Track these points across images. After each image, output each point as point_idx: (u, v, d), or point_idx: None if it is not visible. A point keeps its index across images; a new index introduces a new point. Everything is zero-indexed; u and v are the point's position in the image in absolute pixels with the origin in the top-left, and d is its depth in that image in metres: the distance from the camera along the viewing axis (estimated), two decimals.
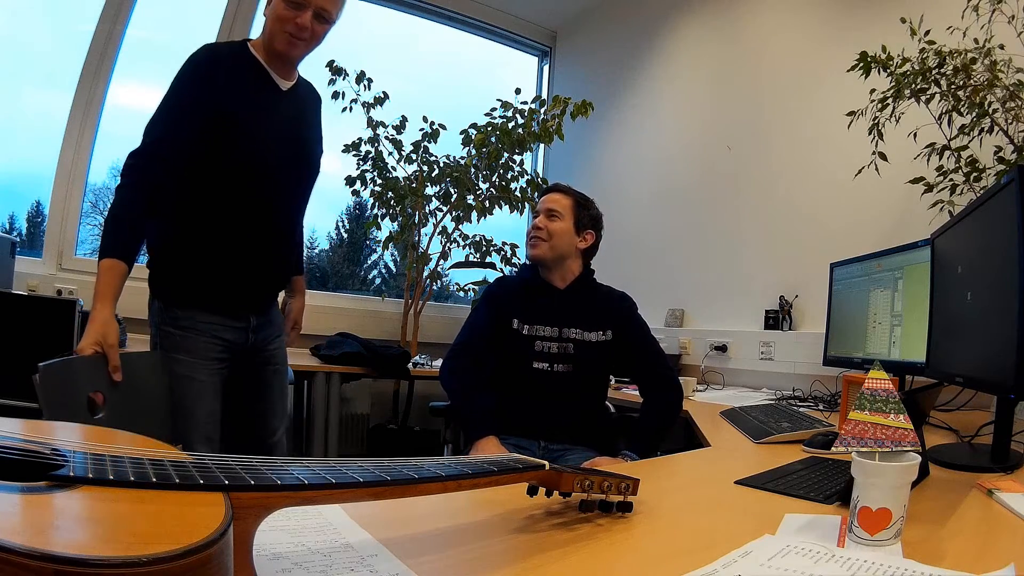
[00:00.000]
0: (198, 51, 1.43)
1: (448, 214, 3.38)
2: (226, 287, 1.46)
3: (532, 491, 0.73)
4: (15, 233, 3.00)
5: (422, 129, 3.28)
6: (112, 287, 1.29)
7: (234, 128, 1.40)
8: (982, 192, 1.48)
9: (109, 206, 1.34)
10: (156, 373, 1.42)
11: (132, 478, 0.41)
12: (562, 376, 1.66)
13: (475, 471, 0.63)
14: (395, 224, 3.36)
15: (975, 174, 1.71)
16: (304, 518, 0.67)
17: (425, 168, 3.31)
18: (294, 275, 1.74)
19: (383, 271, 4.23)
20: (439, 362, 2.12)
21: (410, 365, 2.87)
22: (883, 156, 1.84)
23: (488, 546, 0.68)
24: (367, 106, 3.19)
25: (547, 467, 0.71)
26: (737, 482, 0.97)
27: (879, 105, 1.81)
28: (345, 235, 4.08)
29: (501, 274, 3.50)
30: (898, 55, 1.78)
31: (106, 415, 1.16)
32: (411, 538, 0.67)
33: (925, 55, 1.71)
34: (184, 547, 0.33)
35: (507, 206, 3.38)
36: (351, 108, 3.16)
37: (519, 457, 0.73)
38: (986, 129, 1.67)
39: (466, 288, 3.62)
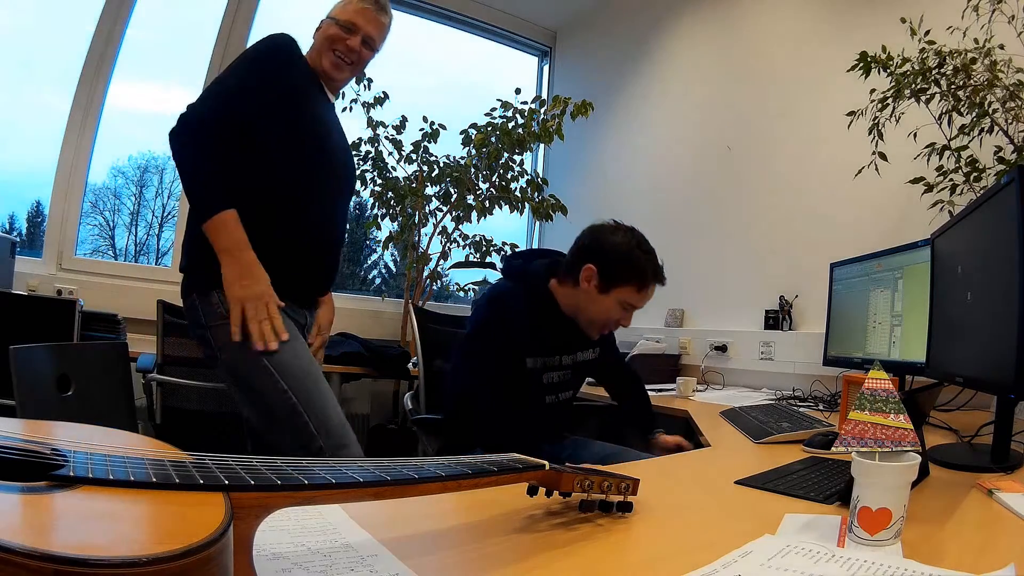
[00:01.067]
0: (280, 36, 1.48)
1: (448, 214, 3.38)
2: (300, 278, 1.46)
3: (532, 491, 0.73)
4: (15, 233, 3.00)
5: (422, 129, 3.28)
6: (244, 237, 1.29)
7: (307, 117, 1.44)
8: (982, 192, 1.48)
9: (181, 162, 1.33)
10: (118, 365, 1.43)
11: (132, 478, 0.41)
12: (565, 402, 1.64)
13: (475, 471, 0.63)
14: (395, 224, 3.36)
15: (975, 174, 1.71)
16: (304, 518, 0.67)
17: (425, 168, 3.31)
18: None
19: (383, 271, 4.23)
20: (437, 363, 2.12)
21: (410, 365, 2.87)
22: (883, 156, 1.84)
23: (488, 546, 0.68)
24: (367, 106, 3.19)
25: (547, 467, 0.71)
26: (737, 482, 0.97)
27: (879, 105, 1.81)
28: (345, 235, 4.08)
29: (501, 274, 3.51)
30: (898, 55, 1.78)
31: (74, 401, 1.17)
32: (411, 538, 0.67)
33: (925, 55, 1.71)
34: (184, 547, 0.33)
35: (507, 206, 3.38)
36: (351, 108, 3.16)
37: (519, 457, 0.73)
38: (986, 129, 1.67)
39: (466, 288, 3.62)
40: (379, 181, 3.28)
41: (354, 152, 3.23)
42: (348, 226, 1.76)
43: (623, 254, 1.51)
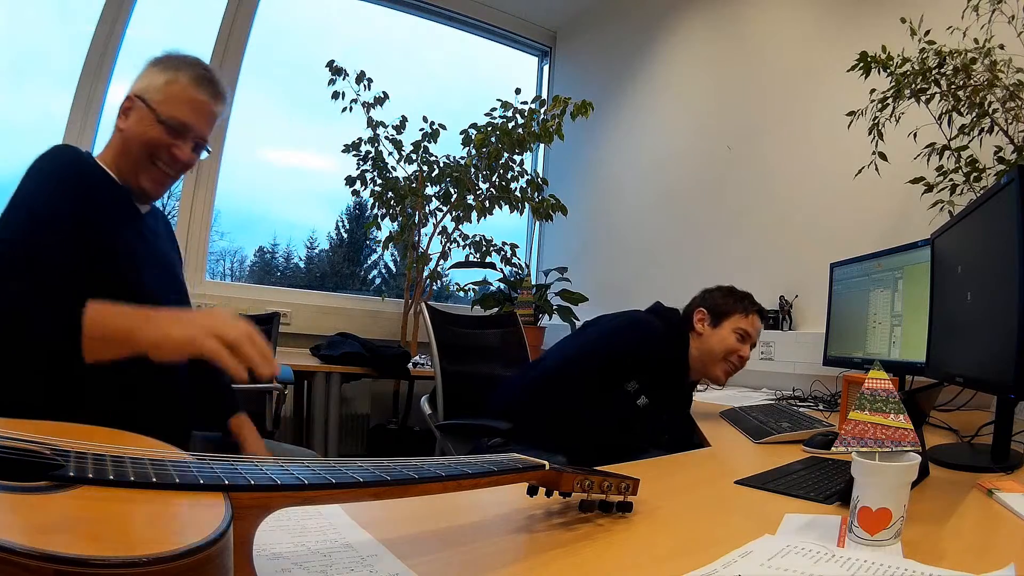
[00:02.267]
0: (57, 153, 1.07)
1: (448, 214, 3.38)
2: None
3: (532, 491, 0.73)
4: None
5: (422, 129, 3.28)
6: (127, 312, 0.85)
7: (114, 260, 1.04)
8: (982, 192, 1.48)
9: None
10: None
11: (132, 478, 0.41)
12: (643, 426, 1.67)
13: (475, 471, 0.63)
14: (395, 224, 3.36)
15: (975, 174, 1.71)
16: (304, 518, 0.67)
17: (425, 168, 3.31)
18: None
19: (383, 271, 4.23)
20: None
21: (410, 365, 2.87)
22: (883, 156, 1.84)
23: (488, 546, 0.68)
24: (367, 106, 3.19)
25: (547, 467, 0.71)
26: (737, 482, 0.97)
27: (879, 105, 1.81)
28: (345, 235, 4.08)
29: (501, 274, 3.51)
30: (898, 55, 1.78)
31: None
32: (411, 538, 0.67)
33: (925, 55, 1.71)
34: (185, 547, 0.33)
35: (507, 206, 3.38)
36: (351, 108, 3.16)
37: (519, 457, 0.73)
38: (986, 129, 1.67)
39: (466, 288, 3.62)
40: (379, 181, 3.28)
41: (354, 152, 3.24)
42: (345, 224, 1.64)
43: (723, 294, 1.81)
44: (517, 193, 3.39)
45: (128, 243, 1.07)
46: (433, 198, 3.38)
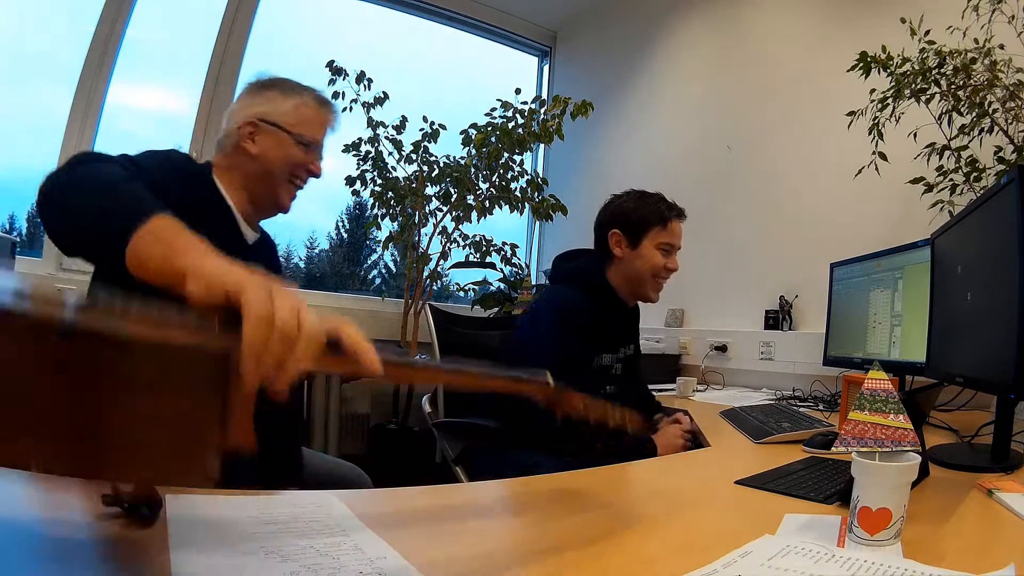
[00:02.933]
0: (175, 155, 1.06)
1: (448, 214, 3.38)
2: None
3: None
4: (15, 233, 3.01)
5: (422, 129, 3.28)
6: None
7: None
8: (982, 192, 1.48)
9: (87, 182, 0.77)
10: None
11: None
12: (614, 396, 1.62)
13: (482, 372, 0.66)
14: (395, 224, 3.36)
15: (975, 174, 1.71)
16: (312, 520, 0.67)
17: (425, 168, 3.30)
18: None
19: (383, 271, 4.23)
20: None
21: None
22: (883, 156, 1.84)
23: (494, 547, 0.68)
24: (367, 106, 3.19)
25: (551, 383, 0.72)
26: (737, 482, 0.97)
27: (879, 105, 1.81)
28: (345, 235, 4.08)
29: (501, 274, 3.51)
30: (898, 55, 1.78)
31: None
32: (419, 539, 0.67)
33: (925, 55, 1.71)
34: None
35: (507, 206, 3.38)
36: (351, 108, 3.16)
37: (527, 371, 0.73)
38: (986, 129, 1.67)
39: (466, 288, 3.62)
40: (379, 181, 3.28)
41: (354, 152, 3.23)
42: (345, 224, 1.64)
43: (633, 204, 1.62)
44: (517, 193, 3.39)
45: None
46: (433, 198, 3.38)
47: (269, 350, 0.49)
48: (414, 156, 3.30)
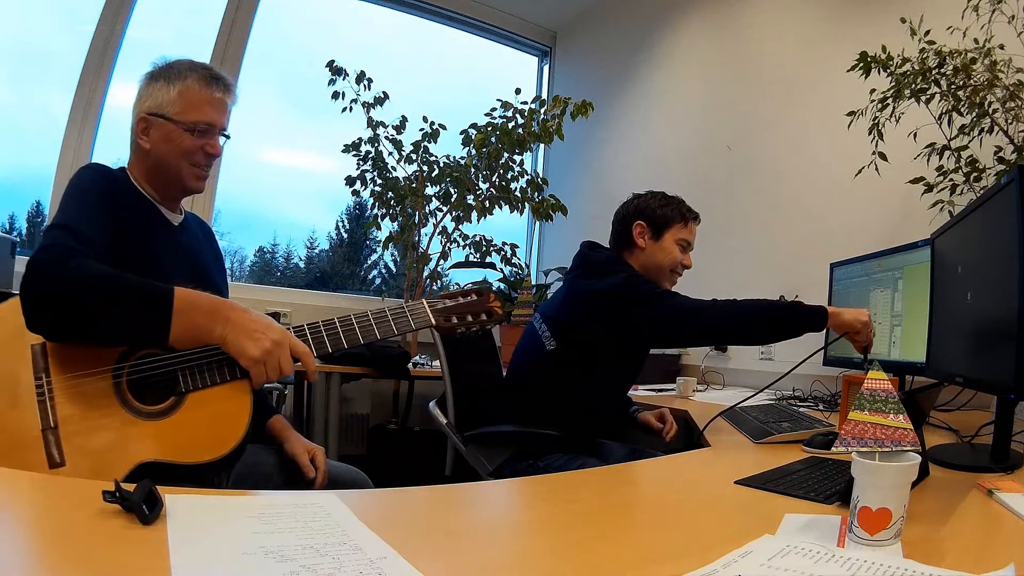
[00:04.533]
0: (88, 171, 1.15)
1: (448, 214, 3.38)
2: None
3: None
4: (15, 233, 3.01)
5: (422, 129, 3.28)
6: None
7: (143, 268, 1.04)
8: (982, 192, 1.48)
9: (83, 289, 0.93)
10: None
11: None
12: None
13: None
14: (395, 224, 3.36)
15: (975, 174, 1.71)
16: (312, 520, 0.67)
17: (425, 168, 3.30)
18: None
19: (383, 271, 4.24)
20: (438, 363, 2.11)
21: (410, 365, 2.87)
22: (883, 156, 1.84)
23: (495, 547, 0.68)
24: (367, 106, 3.19)
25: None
26: (737, 482, 0.97)
27: (879, 105, 1.81)
28: (345, 235, 4.08)
29: (501, 274, 3.51)
30: (898, 55, 1.78)
31: None
32: (419, 540, 0.67)
33: (925, 55, 1.71)
34: None
35: (507, 206, 3.38)
36: (351, 108, 3.16)
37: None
38: (986, 129, 1.67)
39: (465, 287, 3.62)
40: (379, 181, 3.28)
41: (354, 152, 3.23)
42: (345, 224, 1.67)
43: (658, 202, 1.76)
44: (517, 193, 3.39)
45: (159, 253, 1.14)
46: (433, 198, 3.38)
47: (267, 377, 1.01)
48: (414, 156, 3.30)
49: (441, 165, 3.32)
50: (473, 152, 3.27)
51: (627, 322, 1.56)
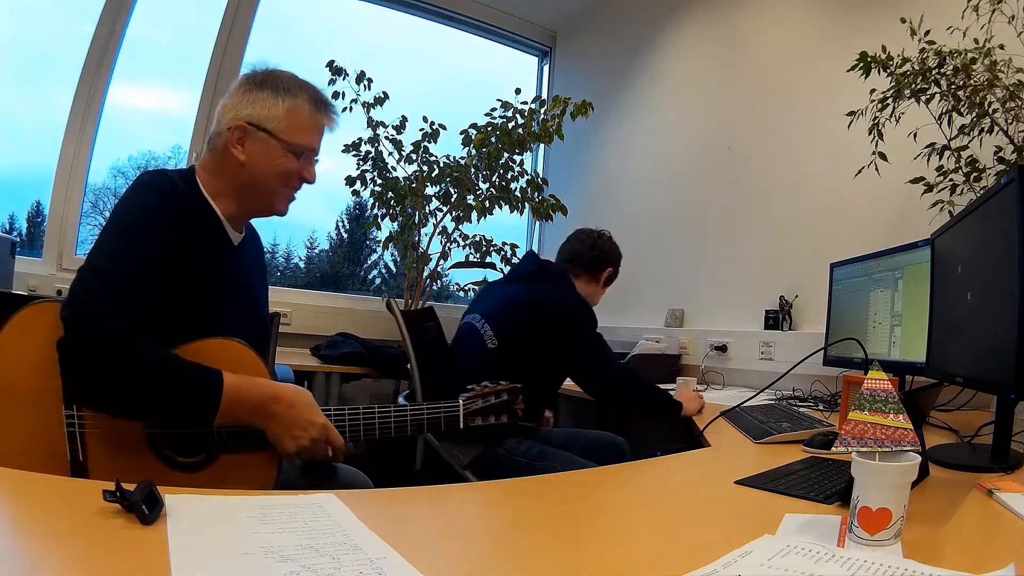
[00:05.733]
0: (154, 182, 1.04)
1: (448, 214, 3.38)
2: None
3: None
4: (15, 233, 3.01)
5: (422, 129, 3.28)
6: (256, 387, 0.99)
7: (195, 301, 1.04)
8: (982, 192, 1.48)
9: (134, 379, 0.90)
10: None
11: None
12: None
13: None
14: (395, 224, 3.36)
15: (975, 174, 1.71)
16: (312, 520, 0.67)
17: (425, 168, 3.30)
18: None
19: (383, 271, 4.23)
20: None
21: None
22: (883, 156, 1.84)
23: (495, 547, 0.68)
24: (367, 106, 3.19)
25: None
26: (737, 482, 0.97)
27: (879, 105, 1.80)
28: (345, 235, 4.08)
29: (501, 274, 3.51)
30: (898, 55, 1.78)
31: None
32: (419, 539, 0.67)
33: (925, 55, 1.71)
34: None
35: (507, 206, 3.38)
36: (351, 108, 3.16)
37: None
38: (986, 129, 1.67)
39: (466, 288, 3.62)
40: (379, 181, 3.28)
41: (354, 152, 3.23)
42: (345, 224, 1.69)
43: (618, 258, 2.17)
44: (517, 193, 3.39)
45: (215, 282, 1.08)
46: (433, 198, 3.38)
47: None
48: (414, 156, 3.30)
49: (441, 165, 3.32)
50: (473, 152, 3.27)
51: (563, 341, 1.81)
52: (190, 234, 1.03)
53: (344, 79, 3.12)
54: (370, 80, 3.17)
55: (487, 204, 3.34)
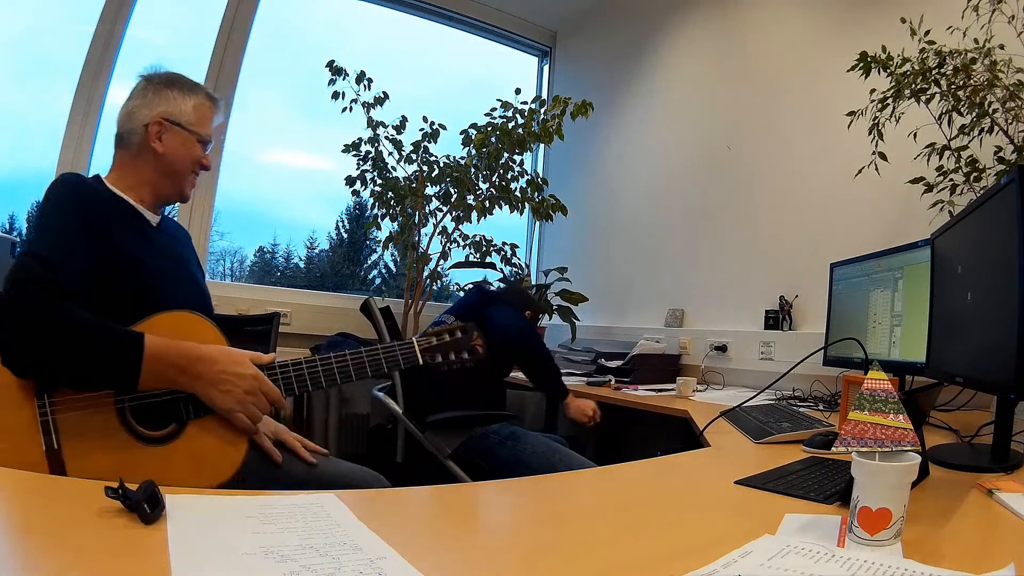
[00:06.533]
0: (61, 181, 1.12)
1: (448, 214, 3.38)
2: None
3: None
4: (15, 233, 3.00)
5: (422, 129, 3.28)
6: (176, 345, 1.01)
7: (131, 276, 1.09)
8: (982, 192, 1.48)
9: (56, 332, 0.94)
10: None
11: None
12: None
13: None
14: (395, 224, 3.36)
15: (975, 174, 1.71)
16: (312, 520, 0.67)
17: (425, 168, 3.30)
18: None
19: (383, 271, 4.23)
20: None
21: None
22: (883, 156, 1.84)
23: (495, 547, 0.68)
24: (367, 106, 3.19)
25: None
26: (737, 482, 0.97)
27: (879, 105, 1.80)
28: (345, 235, 4.08)
29: (501, 274, 3.52)
30: (898, 55, 1.78)
31: None
32: (419, 539, 0.67)
33: (925, 55, 1.71)
34: None
35: (507, 206, 3.38)
36: (351, 108, 3.16)
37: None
38: (986, 129, 1.67)
39: (466, 288, 3.62)
40: (379, 181, 3.28)
41: (354, 152, 3.23)
42: (345, 224, 1.75)
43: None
44: (517, 193, 3.38)
45: (142, 255, 1.14)
46: (433, 198, 3.38)
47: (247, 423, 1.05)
48: (414, 156, 3.29)
49: (441, 165, 3.32)
50: (473, 152, 3.27)
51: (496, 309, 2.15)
52: (106, 213, 1.12)
53: (344, 79, 3.12)
54: (370, 80, 3.17)
55: (487, 204, 3.34)
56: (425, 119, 3.27)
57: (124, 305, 1.04)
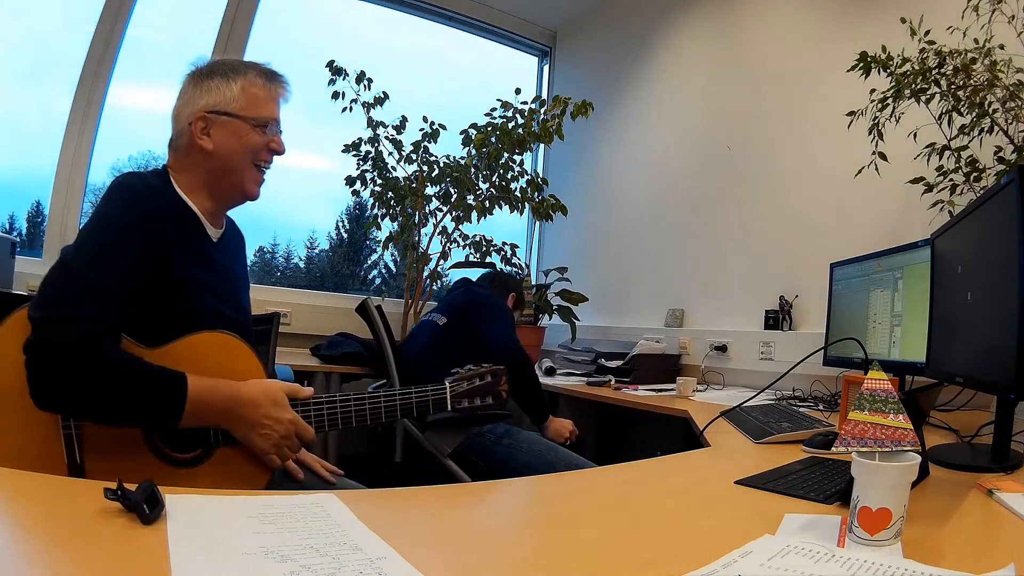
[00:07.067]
0: (127, 185, 1.03)
1: (448, 214, 3.38)
2: None
3: None
4: (15, 233, 3.00)
5: (422, 129, 3.28)
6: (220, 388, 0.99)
7: (177, 297, 1.04)
8: (982, 192, 1.48)
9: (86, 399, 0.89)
10: None
11: None
12: None
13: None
14: (395, 224, 3.36)
15: (975, 174, 1.71)
16: (312, 520, 0.67)
17: (425, 168, 3.30)
18: None
19: (383, 271, 4.23)
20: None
21: None
22: (883, 156, 1.84)
23: (495, 547, 0.68)
24: (367, 106, 3.19)
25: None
26: (737, 482, 0.97)
27: (879, 105, 1.80)
28: (345, 235, 4.08)
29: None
30: (898, 55, 1.78)
31: None
32: (419, 539, 0.67)
33: (925, 55, 1.71)
34: None
35: (507, 206, 3.38)
36: (351, 108, 3.16)
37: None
38: (986, 129, 1.67)
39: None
40: (379, 181, 3.28)
41: (354, 152, 3.23)
42: (345, 224, 1.72)
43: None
44: (517, 193, 3.39)
45: (195, 278, 1.08)
46: (433, 198, 3.38)
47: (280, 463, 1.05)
48: (414, 156, 3.29)
49: (441, 165, 3.32)
50: (473, 152, 3.27)
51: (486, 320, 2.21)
52: (167, 231, 1.03)
53: (344, 79, 3.12)
54: (370, 80, 3.17)
55: (487, 204, 3.34)
56: (425, 119, 3.27)
57: (164, 321, 1.01)
